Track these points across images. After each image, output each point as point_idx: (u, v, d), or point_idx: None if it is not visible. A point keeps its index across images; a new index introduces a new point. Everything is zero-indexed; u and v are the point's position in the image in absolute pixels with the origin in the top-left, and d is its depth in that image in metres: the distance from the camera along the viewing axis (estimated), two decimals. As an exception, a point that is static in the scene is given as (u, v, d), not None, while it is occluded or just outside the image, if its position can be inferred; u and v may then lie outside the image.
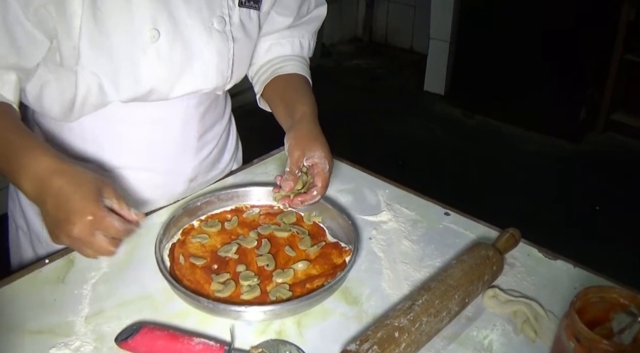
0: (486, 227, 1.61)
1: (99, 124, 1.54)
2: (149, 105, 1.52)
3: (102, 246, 1.26)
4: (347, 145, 1.72)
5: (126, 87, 1.44)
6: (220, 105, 1.75)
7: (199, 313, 1.30)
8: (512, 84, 5.16)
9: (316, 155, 1.52)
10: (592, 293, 1.12)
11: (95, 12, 1.34)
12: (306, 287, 1.36)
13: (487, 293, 1.36)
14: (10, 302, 1.34)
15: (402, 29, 6.77)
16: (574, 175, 4.67)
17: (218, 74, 1.54)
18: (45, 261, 1.46)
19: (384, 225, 1.62)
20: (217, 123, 1.75)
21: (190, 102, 1.59)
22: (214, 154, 1.77)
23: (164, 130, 1.60)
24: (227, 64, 1.55)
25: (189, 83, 1.51)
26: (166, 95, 1.50)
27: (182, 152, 1.66)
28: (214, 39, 1.49)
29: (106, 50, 1.38)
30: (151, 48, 1.41)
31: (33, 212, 1.68)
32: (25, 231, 1.74)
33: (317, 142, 1.55)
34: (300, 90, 1.72)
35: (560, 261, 1.50)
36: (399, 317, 1.20)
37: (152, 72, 1.44)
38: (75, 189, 1.24)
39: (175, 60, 1.46)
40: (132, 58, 1.41)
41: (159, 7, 1.40)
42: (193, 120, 1.63)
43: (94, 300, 1.35)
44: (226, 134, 1.83)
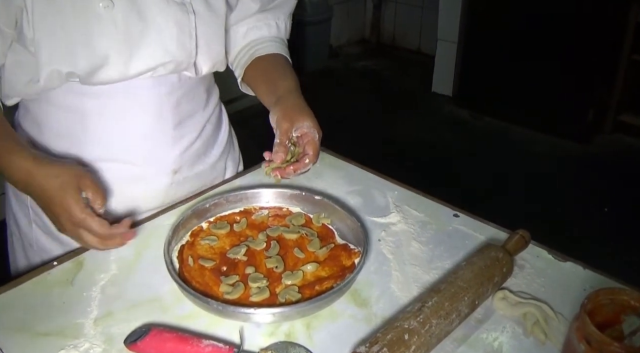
0: (495, 229, 1.60)
1: (72, 119, 1.55)
2: (118, 96, 1.53)
3: (91, 242, 1.36)
4: (354, 147, 1.72)
5: (81, 58, 1.43)
6: (200, 94, 1.72)
7: (208, 315, 1.30)
8: (520, 85, 5.15)
9: (305, 125, 1.55)
10: (602, 295, 1.12)
11: None
12: (315, 288, 1.35)
13: (496, 295, 1.35)
14: (19, 304, 1.34)
15: (409, 30, 6.77)
16: (582, 176, 4.65)
17: (179, 47, 1.53)
18: (54, 263, 1.46)
19: (393, 227, 1.61)
20: (197, 112, 1.71)
21: (161, 90, 1.58)
22: (197, 146, 1.73)
23: (137, 121, 1.59)
24: (189, 37, 1.54)
25: (148, 56, 1.50)
26: (125, 69, 1.49)
27: (157, 141, 1.63)
28: (172, 9, 1.49)
29: (59, 23, 1.40)
30: (106, 17, 1.42)
31: (23, 216, 1.70)
32: (17, 237, 1.75)
33: (304, 113, 1.57)
34: (281, 68, 1.75)
35: (570, 263, 1.49)
36: (408, 319, 1.19)
37: (107, 40, 1.44)
38: (56, 193, 1.33)
39: (131, 30, 1.45)
40: (86, 28, 1.41)
41: None
42: (166, 108, 1.61)
43: (102, 302, 1.35)
44: (212, 126, 1.80)
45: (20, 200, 1.68)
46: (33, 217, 1.67)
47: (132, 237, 1.42)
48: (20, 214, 1.70)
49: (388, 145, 5.04)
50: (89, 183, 1.36)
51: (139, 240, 1.52)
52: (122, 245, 1.40)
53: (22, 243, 1.73)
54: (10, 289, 1.38)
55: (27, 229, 1.69)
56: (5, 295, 1.37)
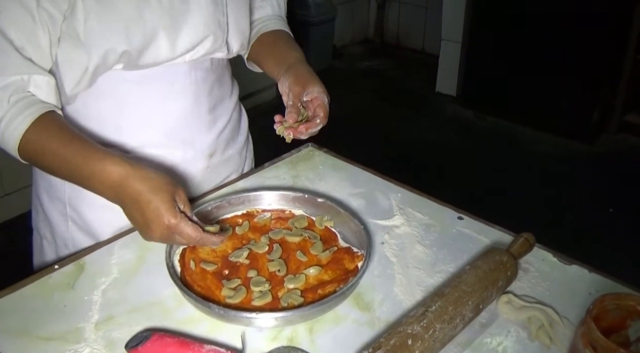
0: (500, 232, 1.60)
1: (114, 108, 1.58)
2: (158, 81, 1.57)
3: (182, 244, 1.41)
4: (358, 147, 1.71)
5: (134, 34, 1.46)
6: (227, 81, 1.80)
7: (209, 320, 1.29)
8: (525, 85, 5.14)
9: (315, 90, 1.60)
10: (608, 300, 1.11)
11: None
12: (318, 292, 1.34)
13: (501, 299, 1.35)
14: (20, 307, 1.34)
15: (413, 30, 6.76)
16: (587, 176, 4.64)
17: (215, 23, 1.58)
18: (55, 267, 1.46)
19: (397, 230, 1.60)
20: (225, 98, 1.78)
21: (197, 75, 1.63)
22: (228, 130, 1.80)
23: (176, 105, 1.63)
24: (222, 13, 1.60)
25: (191, 32, 1.54)
26: (172, 47, 1.53)
27: (195, 125, 1.68)
28: None
29: (112, 4, 1.42)
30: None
31: (58, 215, 1.69)
32: (49, 240, 1.74)
33: (314, 79, 1.63)
34: (288, 42, 1.82)
35: (575, 266, 1.48)
36: (412, 324, 1.18)
37: (156, 16, 1.47)
38: (152, 197, 1.31)
39: (176, 9, 1.50)
40: (137, 6, 1.44)
41: None
42: (202, 93, 1.67)
43: (104, 306, 1.34)
44: (237, 113, 1.87)
45: (56, 199, 1.68)
46: (70, 213, 1.67)
47: (224, 239, 1.42)
48: (54, 213, 1.70)
49: (392, 145, 5.03)
50: (181, 195, 1.36)
51: (141, 243, 1.51)
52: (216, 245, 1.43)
53: (55, 245, 1.73)
54: (11, 293, 1.38)
55: (62, 229, 1.70)
56: (6, 299, 1.36)
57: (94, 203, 1.57)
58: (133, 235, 1.54)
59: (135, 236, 1.52)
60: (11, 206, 3.90)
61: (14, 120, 1.38)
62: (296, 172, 1.83)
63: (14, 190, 3.89)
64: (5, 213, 3.91)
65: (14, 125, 1.38)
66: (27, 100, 1.40)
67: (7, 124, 1.39)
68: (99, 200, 1.45)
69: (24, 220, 3.78)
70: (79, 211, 1.65)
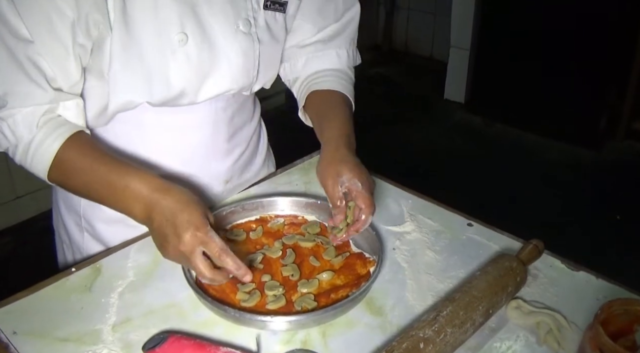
0: (509, 238, 1.62)
1: (132, 132, 1.58)
2: (178, 110, 1.55)
3: (199, 267, 1.30)
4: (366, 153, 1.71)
5: (157, 90, 1.46)
6: (249, 107, 1.77)
7: (225, 323, 1.32)
8: (532, 92, 5.15)
9: (345, 178, 1.47)
10: (616, 305, 1.13)
11: (125, 18, 1.37)
12: (331, 297, 1.37)
13: (510, 305, 1.37)
14: (39, 309, 1.36)
15: (422, 37, 6.77)
16: (594, 183, 4.65)
17: (244, 75, 1.57)
18: (72, 269, 1.49)
19: (408, 236, 1.63)
20: (245, 125, 1.77)
21: (218, 105, 1.62)
22: (245, 156, 1.80)
23: (195, 134, 1.63)
24: (252, 64, 1.57)
25: (216, 84, 1.53)
26: (195, 97, 1.52)
27: (213, 154, 1.69)
28: (239, 40, 1.52)
29: (137, 55, 1.41)
30: (180, 51, 1.44)
31: (74, 225, 1.72)
32: (67, 245, 1.78)
33: (342, 165, 1.49)
34: (329, 111, 1.69)
35: (583, 272, 1.50)
36: (423, 328, 1.21)
37: (182, 74, 1.47)
38: (184, 207, 1.32)
39: (203, 63, 1.48)
40: (162, 62, 1.44)
41: (186, 11, 1.43)
42: (222, 122, 1.66)
43: (121, 308, 1.37)
44: (256, 136, 1.85)
45: (72, 210, 1.70)
46: (85, 225, 1.69)
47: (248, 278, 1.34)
48: (71, 223, 1.73)
49: (400, 151, 5.05)
50: (210, 214, 1.37)
51: (156, 248, 1.53)
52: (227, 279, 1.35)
53: (72, 251, 1.76)
54: (30, 295, 1.40)
55: (79, 237, 1.72)
56: (25, 301, 1.39)
57: (108, 218, 1.62)
58: (148, 239, 1.56)
59: (150, 241, 1.55)
60: (23, 209, 3.93)
61: (44, 141, 1.40)
62: (308, 179, 1.85)
63: (25, 193, 3.92)
64: (18, 215, 3.95)
65: (44, 146, 1.40)
66: (56, 121, 1.42)
67: (37, 146, 1.40)
68: (112, 215, 1.48)
69: (35, 223, 3.84)
70: (93, 224, 1.68)
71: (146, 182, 1.36)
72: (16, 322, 1.32)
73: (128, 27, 1.38)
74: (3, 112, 1.38)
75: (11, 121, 1.38)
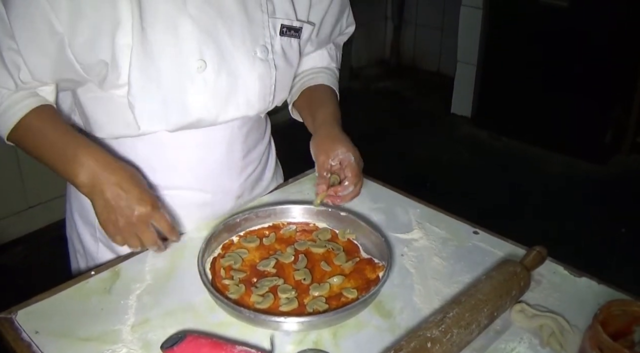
0: (514, 246, 1.66)
1: (148, 148, 1.61)
2: (195, 131, 1.59)
3: (152, 237, 1.50)
4: (374, 166, 1.76)
5: (175, 116, 1.50)
6: (262, 126, 1.82)
7: (240, 324, 1.36)
8: (539, 106, 5.18)
9: (339, 152, 1.63)
10: (614, 306, 1.17)
11: (144, 43, 1.41)
12: (342, 300, 1.41)
13: (514, 308, 1.41)
14: (60, 310, 1.41)
15: (429, 51, 6.81)
16: (599, 197, 4.67)
17: (261, 100, 1.60)
18: (92, 273, 1.53)
19: (416, 243, 1.67)
20: (259, 143, 1.81)
21: (234, 125, 1.66)
22: (257, 172, 1.83)
23: (211, 153, 1.67)
24: (269, 90, 1.60)
25: (234, 110, 1.57)
26: (212, 123, 1.56)
27: (227, 171, 1.72)
28: (257, 67, 1.55)
29: (155, 81, 1.44)
30: (198, 78, 1.47)
31: (88, 235, 1.75)
32: (82, 254, 1.81)
33: (337, 141, 1.65)
34: (323, 98, 1.81)
35: (585, 278, 1.54)
36: (431, 329, 1.25)
37: (200, 101, 1.50)
38: (137, 184, 1.47)
39: (221, 90, 1.52)
40: (180, 88, 1.47)
41: (205, 39, 1.46)
42: (237, 141, 1.70)
43: (139, 310, 1.41)
44: (267, 152, 1.89)
45: (87, 221, 1.74)
46: (99, 236, 1.72)
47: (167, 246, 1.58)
48: (86, 234, 1.76)
49: (407, 165, 5.08)
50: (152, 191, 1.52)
51: (174, 251, 1.59)
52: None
53: (86, 260, 1.79)
54: (51, 296, 1.45)
55: (93, 248, 1.75)
56: (47, 302, 1.43)
57: None
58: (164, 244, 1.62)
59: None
60: (35, 218, 3.95)
61: (12, 106, 1.49)
62: (318, 188, 1.89)
63: (37, 203, 3.94)
64: (30, 225, 3.97)
65: (12, 111, 1.49)
66: (30, 92, 1.51)
67: (5, 109, 1.49)
68: None
69: (48, 232, 3.88)
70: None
71: (95, 156, 1.47)
72: (38, 322, 1.37)
73: (147, 53, 1.42)
74: None
75: None
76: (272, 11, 1.57)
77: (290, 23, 1.61)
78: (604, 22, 4.68)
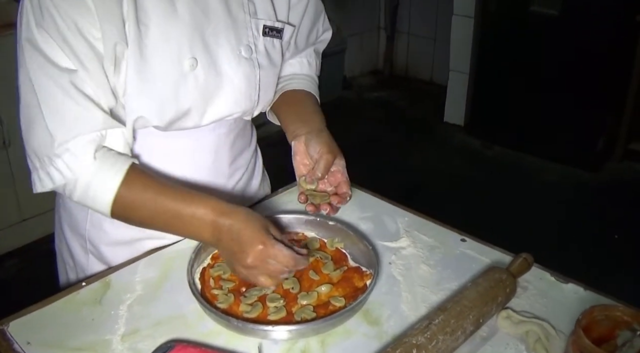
0: (501, 253, 1.67)
1: (142, 158, 1.61)
2: (184, 135, 1.60)
3: (277, 270, 1.38)
4: (367, 175, 1.78)
5: (167, 112, 1.51)
6: (248, 132, 1.83)
7: (228, 333, 1.37)
8: (531, 114, 5.20)
9: (341, 164, 1.66)
10: (597, 311, 1.19)
11: (140, 45, 1.43)
12: (329, 308, 1.42)
13: (500, 315, 1.42)
14: (51, 321, 1.42)
15: (422, 61, 6.83)
16: (592, 204, 4.69)
17: (247, 98, 1.62)
18: (83, 284, 1.54)
19: (403, 251, 1.68)
20: (245, 150, 1.82)
21: (221, 131, 1.67)
22: (244, 180, 1.84)
23: (199, 159, 1.68)
24: (254, 89, 1.63)
25: (220, 108, 1.59)
26: (200, 120, 1.58)
27: (215, 178, 1.73)
28: (242, 65, 1.58)
29: (151, 80, 1.46)
30: (190, 75, 1.50)
31: (79, 247, 1.75)
32: (71, 267, 1.80)
33: (340, 152, 1.67)
34: (313, 105, 1.81)
35: (572, 284, 1.55)
36: (416, 335, 1.26)
37: (190, 96, 1.52)
38: (246, 225, 1.38)
39: (210, 86, 1.54)
40: (173, 85, 1.49)
41: (196, 37, 1.49)
42: (224, 147, 1.71)
43: (129, 320, 1.42)
44: (254, 160, 1.91)
45: (77, 233, 1.73)
46: (90, 248, 1.72)
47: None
48: (76, 245, 1.75)
49: (400, 174, 5.09)
50: (272, 226, 1.42)
51: (164, 262, 1.60)
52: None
53: (76, 272, 1.78)
54: (43, 307, 1.46)
55: (83, 260, 1.74)
56: (39, 313, 1.44)
57: (113, 240, 1.68)
58: (154, 256, 1.63)
59: (157, 256, 1.62)
60: (29, 231, 3.95)
61: (104, 179, 1.42)
62: (308, 198, 1.90)
63: (31, 216, 3.95)
64: (24, 238, 3.98)
65: (105, 185, 1.42)
66: (110, 155, 1.44)
67: (98, 185, 1.42)
68: (117, 238, 1.57)
69: (42, 245, 3.88)
70: (98, 247, 1.71)
71: (210, 207, 1.41)
72: (29, 333, 1.38)
73: (142, 53, 1.43)
74: (57, 149, 1.39)
75: (67, 156, 1.39)
76: (253, 12, 1.60)
77: (272, 24, 1.64)
78: (595, 30, 4.71)
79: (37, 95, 1.38)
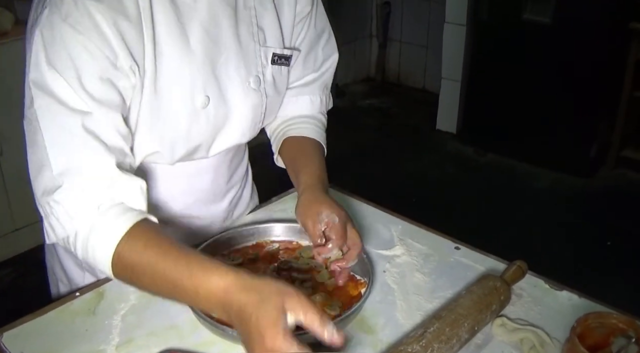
0: (495, 260, 1.67)
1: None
2: (184, 163, 1.58)
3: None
4: (360, 183, 1.78)
5: (179, 150, 1.50)
6: (242, 150, 1.84)
7: (222, 342, 1.37)
8: (523, 121, 5.21)
9: (323, 214, 1.51)
10: (591, 318, 1.19)
11: (156, 84, 1.40)
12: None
13: (495, 322, 1.42)
14: (45, 332, 1.42)
15: (414, 69, 6.84)
16: (585, 211, 4.70)
17: (252, 128, 1.62)
18: (76, 294, 1.54)
19: (397, 259, 1.68)
20: (239, 165, 1.83)
21: (220, 154, 1.65)
22: (238, 194, 1.85)
23: (200, 180, 1.68)
24: (260, 118, 1.62)
25: (227, 139, 1.58)
26: (206, 153, 1.57)
27: (213, 196, 1.74)
28: (250, 98, 1.56)
29: (163, 118, 1.44)
30: (202, 113, 1.48)
31: (72, 264, 1.72)
32: (65, 283, 1.78)
33: (319, 204, 1.54)
34: (304, 158, 1.71)
35: (566, 291, 1.56)
36: (411, 344, 1.26)
37: (201, 134, 1.51)
38: (258, 311, 1.12)
39: (219, 122, 1.53)
40: (187, 123, 1.47)
41: (208, 72, 1.47)
42: (223, 166, 1.72)
43: (123, 330, 1.42)
44: (246, 174, 1.91)
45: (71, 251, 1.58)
46: (86, 265, 1.66)
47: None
48: (69, 263, 1.73)
49: (393, 182, 5.09)
50: (296, 303, 1.13)
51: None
52: None
53: (70, 288, 1.75)
54: (36, 318, 1.46)
55: (78, 276, 1.71)
56: (32, 324, 1.44)
57: None
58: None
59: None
60: (22, 241, 3.93)
61: (104, 233, 1.28)
62: (301, 206, 1.90)
63: (24, 225, 3.94)
64: (16, 247, 3.96)
65: (105, 239, 1.28)
66: (119, 208, 1.31)
67: (97, 238, 1.29)
68: None
69: (34, 255, 3.86)
70: None
71: (216, 283, 1.18)
72: (23, 344, 1.38)
73: (157, 93, 1.41)
74: (59, 194, 1.27)
75: (68, 203, 1.27)
76: (263, 40, 1.58)
77: (281, 51, 1.61)
78: (587, 37, 4.72)
79: (44, 137, 1.28)
